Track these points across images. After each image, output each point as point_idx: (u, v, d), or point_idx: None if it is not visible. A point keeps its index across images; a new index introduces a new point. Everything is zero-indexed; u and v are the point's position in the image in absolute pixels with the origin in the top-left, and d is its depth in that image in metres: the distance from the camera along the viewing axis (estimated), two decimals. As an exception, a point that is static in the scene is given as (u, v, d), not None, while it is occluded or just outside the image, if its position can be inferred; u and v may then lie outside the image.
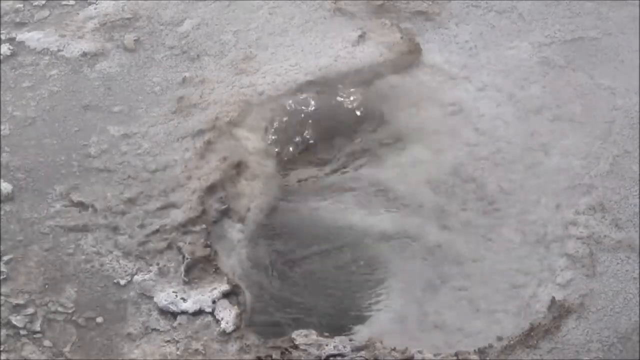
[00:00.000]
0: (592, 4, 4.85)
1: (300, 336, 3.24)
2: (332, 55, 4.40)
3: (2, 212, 3.61)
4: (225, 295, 3.33)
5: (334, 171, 4.22)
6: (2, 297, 3.28)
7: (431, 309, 3.50)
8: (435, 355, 3.20)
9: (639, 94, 4.24)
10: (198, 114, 4.08)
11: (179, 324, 3.26)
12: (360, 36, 4.53)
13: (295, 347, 3.19)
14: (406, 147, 4.22)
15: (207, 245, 3.50)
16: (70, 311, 3.28)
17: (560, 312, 3.31)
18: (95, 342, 3.19)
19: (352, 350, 3.19)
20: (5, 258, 3.42)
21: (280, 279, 3.71)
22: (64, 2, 4.83)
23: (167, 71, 4.36)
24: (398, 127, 4.29)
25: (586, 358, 3.17)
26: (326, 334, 3.30)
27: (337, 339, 3.25)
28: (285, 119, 4.23)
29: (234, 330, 3.23)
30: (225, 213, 3.69)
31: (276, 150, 4.18)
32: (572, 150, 3.97)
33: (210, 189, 3.73)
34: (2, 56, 4.42)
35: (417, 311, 3.51)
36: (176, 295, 3.32)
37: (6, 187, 3.69)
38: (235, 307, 3.30)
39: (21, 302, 3.28)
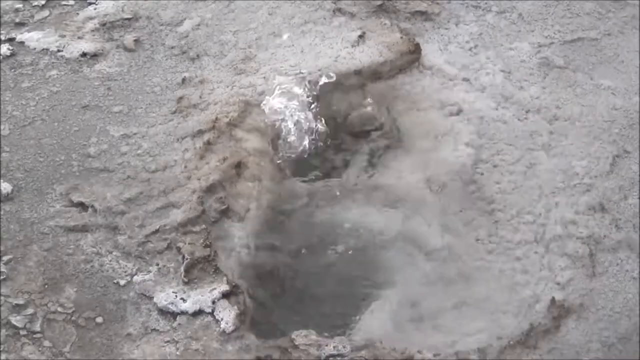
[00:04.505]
0: (592, 4, 4.85)
1: (299, 336, 3.24)
2: (332, 55, 4.40)
3: (2, 212, 3.61)
4: (225, 295, 3.33)
5: (334, 172, 4.22)
6: (2, 297, 3.28)
7: (431, 309, 3.51)
8: (435, 355, 3.20)
9: (639, 94, 4.25)
10: (198, 114, 4.08)
11: (179, 324, 3.26)
12: (360, 36, 4.52)
13: (295, 347, 3.19)
14: (406, 147, 4.22)
15: (207, 246, 3.50)
16: (70, 311, 3.28)
17: (560, 312, 3.31)
18: (95, 342, 3.19)
19: (352, 351, 3.19)
20: (5, 258, 3.42)
21: (280, 279, 3.72)
22: (63, 2, 4.82)
23: (166, 71, 4.36)
24: (397, 127, 4.30)
25: (586, 358, 3.17)
26: (326, 334, 3.30)
27: (337, 339, 3.25)
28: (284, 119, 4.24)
29: (233, 331, 3.23)
30: (225, 213, 3.69)
31: (275, 150, 4.18)
32: (572, 150, 3.97)
33: (210, 189, 3.73)
34: (1, 56, 4.41)
35: (417, 311, 3.51)
36: (176, 296, 3.32)
37: (6, 187, 3.69)
38: (235, 307, 3.30)
39: (21, 302, 3.28)
